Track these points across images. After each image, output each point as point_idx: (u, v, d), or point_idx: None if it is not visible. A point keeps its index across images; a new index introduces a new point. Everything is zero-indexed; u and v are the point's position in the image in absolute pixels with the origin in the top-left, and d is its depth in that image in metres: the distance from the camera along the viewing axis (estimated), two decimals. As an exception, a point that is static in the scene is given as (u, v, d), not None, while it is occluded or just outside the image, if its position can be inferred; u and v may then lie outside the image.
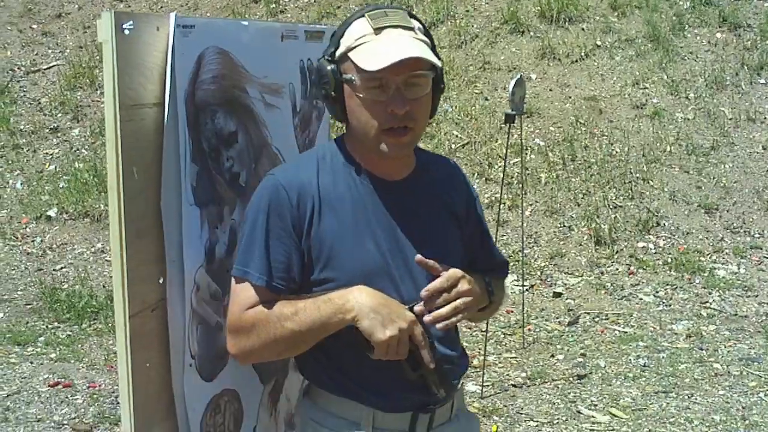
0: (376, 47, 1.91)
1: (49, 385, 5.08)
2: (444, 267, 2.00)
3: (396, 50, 1.88)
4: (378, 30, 1.94)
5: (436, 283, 1.97)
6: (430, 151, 2.34)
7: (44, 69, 9.10)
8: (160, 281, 2.04)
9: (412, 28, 1.97)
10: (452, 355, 2.12)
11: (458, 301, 1.98)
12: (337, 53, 2.00)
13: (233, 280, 2.02)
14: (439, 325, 1.96)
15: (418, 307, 1.95)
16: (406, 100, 1.93)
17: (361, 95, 1.95)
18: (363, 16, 1.97)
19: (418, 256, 1.99)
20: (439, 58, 2.00)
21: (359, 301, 1.90)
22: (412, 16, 2.02)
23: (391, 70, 1.88)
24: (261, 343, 1.97)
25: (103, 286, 6.50)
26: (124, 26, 1.83)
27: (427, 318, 1.95)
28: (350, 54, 1.96)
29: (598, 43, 8.64)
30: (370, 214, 2.03)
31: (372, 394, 2.03)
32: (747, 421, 4.66)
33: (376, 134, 1.96)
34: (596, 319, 6.04)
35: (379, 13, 1.96)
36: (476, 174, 7.52)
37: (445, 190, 2.18)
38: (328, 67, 1.99)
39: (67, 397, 4.96)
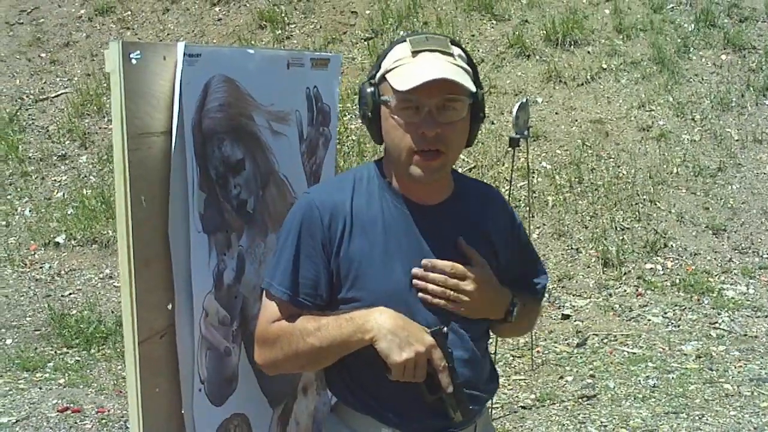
0: (412, 69, 1.93)
1: (58, 411, 5.08)
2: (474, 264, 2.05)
3: (429, 72, 1.90)
4: (415, 53, 1.96)
5: (438, 262, 2.01)
6: (470, 177, 2.34)
7: (52, 97, 9.15)
8: (169, 308, 2.05)
9: (451, 54, 1.98)
10: (475, 380, 2.11)
11: (450, 293, 2.01)
12: (377, 75, 2.03)
13: (263, 293, 2.06)
14: (420, 295, 2.01)
15: (416, 269, 2.01)
16: (437, 123, 1.93)
17: (395, 116, 1.97)
18: (405, 40, 2.00)
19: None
20: (481, 88, 2.02)
21: (379, 323, 1.92)
22: (455, 43, 2.03)
23: (425, 92, 1.90)
24: (284, 356, 2.01)
25: (112, 312, 6.51)
26: (131, 55, 1.85)
27: (415, 281, 2.01)
28: (387, 76, 1.99)
29: (604, 66, 8.65)
30: (401, 238, 2.04)
31: (391, 413, 2.04)
32: (758, 443, 4.64)
33: (407, 156, 1.97)
34: (605, 341, 6.02)
35: (420, 38, 2.00)
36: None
37: (482, 216, 2.17)
38: (368, 89, 2.03)
39: (76, 423, 4.95)
